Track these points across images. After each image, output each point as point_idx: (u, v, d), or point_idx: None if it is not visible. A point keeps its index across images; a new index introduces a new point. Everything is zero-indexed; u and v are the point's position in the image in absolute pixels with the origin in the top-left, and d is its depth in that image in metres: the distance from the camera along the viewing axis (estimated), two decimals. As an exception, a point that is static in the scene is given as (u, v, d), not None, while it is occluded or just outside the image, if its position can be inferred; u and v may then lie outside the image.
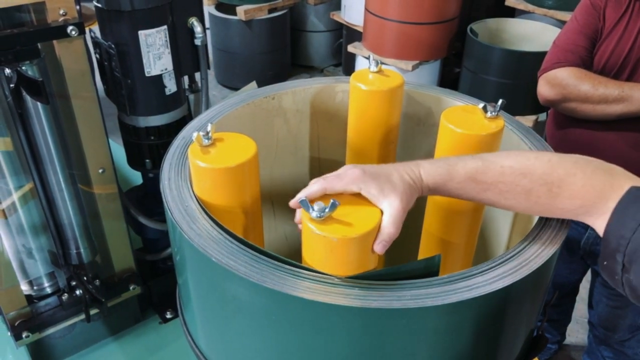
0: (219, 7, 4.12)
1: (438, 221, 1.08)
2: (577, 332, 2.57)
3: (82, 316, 1.60)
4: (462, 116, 0.98)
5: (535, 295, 0.86)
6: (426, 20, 3.38)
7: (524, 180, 0.79)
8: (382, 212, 0.77)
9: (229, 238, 0.81)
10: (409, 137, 1.27)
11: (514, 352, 0.91)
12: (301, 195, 0.78)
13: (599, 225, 0.76)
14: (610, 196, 0.74)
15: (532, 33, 3.40)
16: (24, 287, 1.51)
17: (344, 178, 0.78)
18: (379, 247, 0.76)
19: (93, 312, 1.59)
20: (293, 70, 4.62)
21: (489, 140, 0.94)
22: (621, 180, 0.75)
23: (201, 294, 0.88)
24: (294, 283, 0.73)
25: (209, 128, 0.88)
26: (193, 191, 0.90)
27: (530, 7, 3.46)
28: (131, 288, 1.67)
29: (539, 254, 0.80)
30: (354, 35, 3.96)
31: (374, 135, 1.13)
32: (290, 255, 1.40)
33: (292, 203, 0.79)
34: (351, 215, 0.75)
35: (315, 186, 0.79)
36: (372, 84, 1.09)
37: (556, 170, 0.79)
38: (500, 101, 0.96)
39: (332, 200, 0.74)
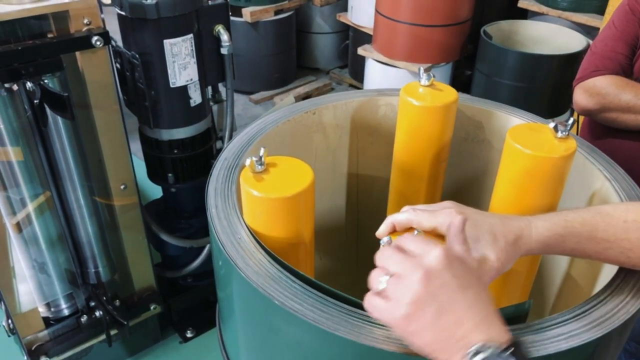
0: (224, 8, 4.03)
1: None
2: (600, 343, 2.51)
3: (101, 338, 1.53)
4: (529, 135, 0.90)
5: (622, 339, 0.79)
6: (438, 23, 3.31)
7: None
8: None
9: (290, 276, 0.73)
10: (454, 152, 1.20)
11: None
12: (388, 221, 0.72)
13: None
14: None
15: (547, 35, 3.33)
16: (41, 309, 1.43)
17: (437, 217, 0.70)
18: None
19: (112, 332, 1.51)
20: (299, 72, 4.53)
21: (561, 163, 0.87)
22: None
23: (256, 335, 0.81)
24: (369, 332, 0.66)
25: (261, 153, 0.80)
26: (243, 220, 0.83)
27: (544, 8, 3.39)
28: (152, 307, 1.59)
29: (633, 296, 0.73)
30: (361, 37, 3.88)
31: (425, 153, 1.05)
32: (324, 276, 1.33)
33: (378, 234, 0.72)
34: None
35: (402, 215, 0.71)
36: (424, 99, 1.01)
37: None
38: (571, 120, 0.89)
39: (415, 232, 0.67)
